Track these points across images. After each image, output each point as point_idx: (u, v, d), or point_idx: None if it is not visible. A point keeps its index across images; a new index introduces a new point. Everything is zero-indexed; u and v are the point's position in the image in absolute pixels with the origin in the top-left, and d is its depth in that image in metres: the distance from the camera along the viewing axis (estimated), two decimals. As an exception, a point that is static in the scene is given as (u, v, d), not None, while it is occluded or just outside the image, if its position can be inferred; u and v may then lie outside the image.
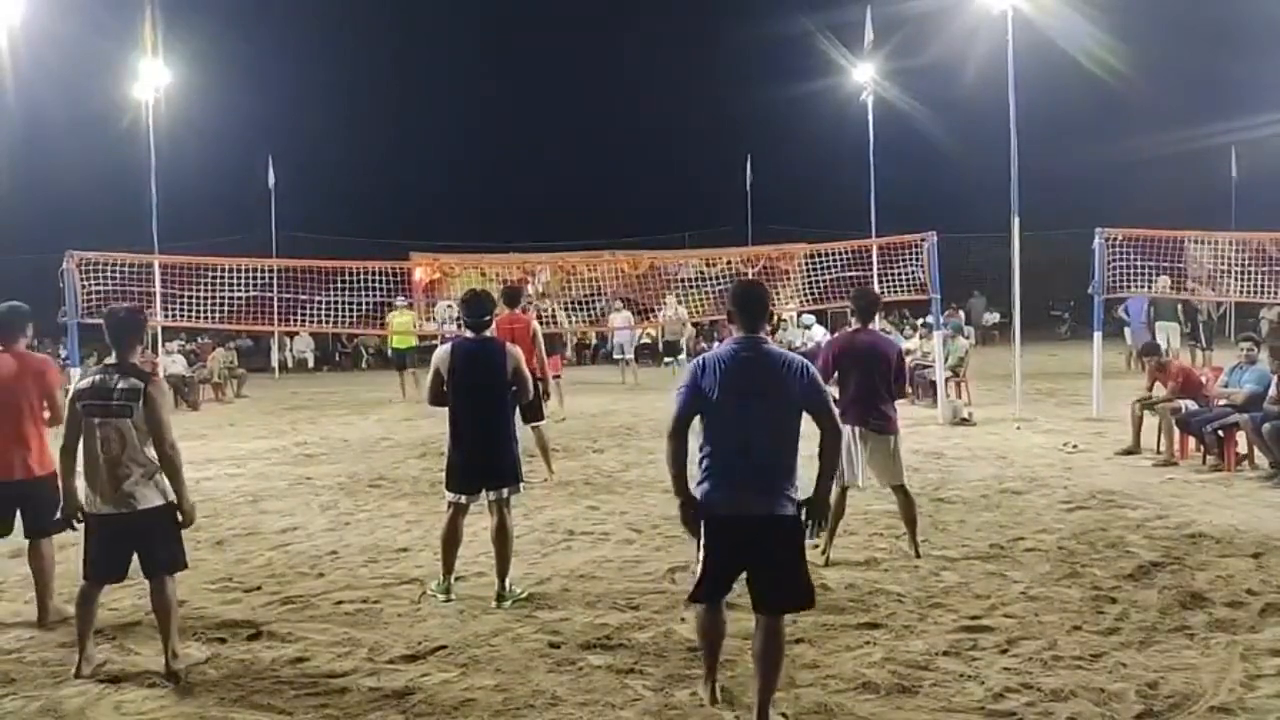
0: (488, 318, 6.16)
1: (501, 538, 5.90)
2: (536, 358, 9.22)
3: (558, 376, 14.53)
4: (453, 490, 5.98)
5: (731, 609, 4.45)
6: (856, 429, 6.48)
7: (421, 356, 18.92)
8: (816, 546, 6.00)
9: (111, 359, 4.84)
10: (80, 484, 4.80)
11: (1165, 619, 5.23)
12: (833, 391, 6.51)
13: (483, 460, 5.93)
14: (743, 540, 4.07)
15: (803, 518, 4.12)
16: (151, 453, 4.71)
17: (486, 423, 5.92)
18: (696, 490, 4.13)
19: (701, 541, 4.13)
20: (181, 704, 4.48)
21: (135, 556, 4.82)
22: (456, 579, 6.09)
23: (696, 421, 4.16)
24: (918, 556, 6.46)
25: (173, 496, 4.77)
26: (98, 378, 4.77)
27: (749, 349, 4.16)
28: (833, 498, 6.27)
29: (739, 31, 36.99)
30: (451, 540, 5.98)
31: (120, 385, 4.69)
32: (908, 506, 6.63)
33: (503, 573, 5.89)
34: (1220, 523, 7.24)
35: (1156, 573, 6.04)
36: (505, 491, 5.95)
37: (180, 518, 4.83)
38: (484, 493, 5.95)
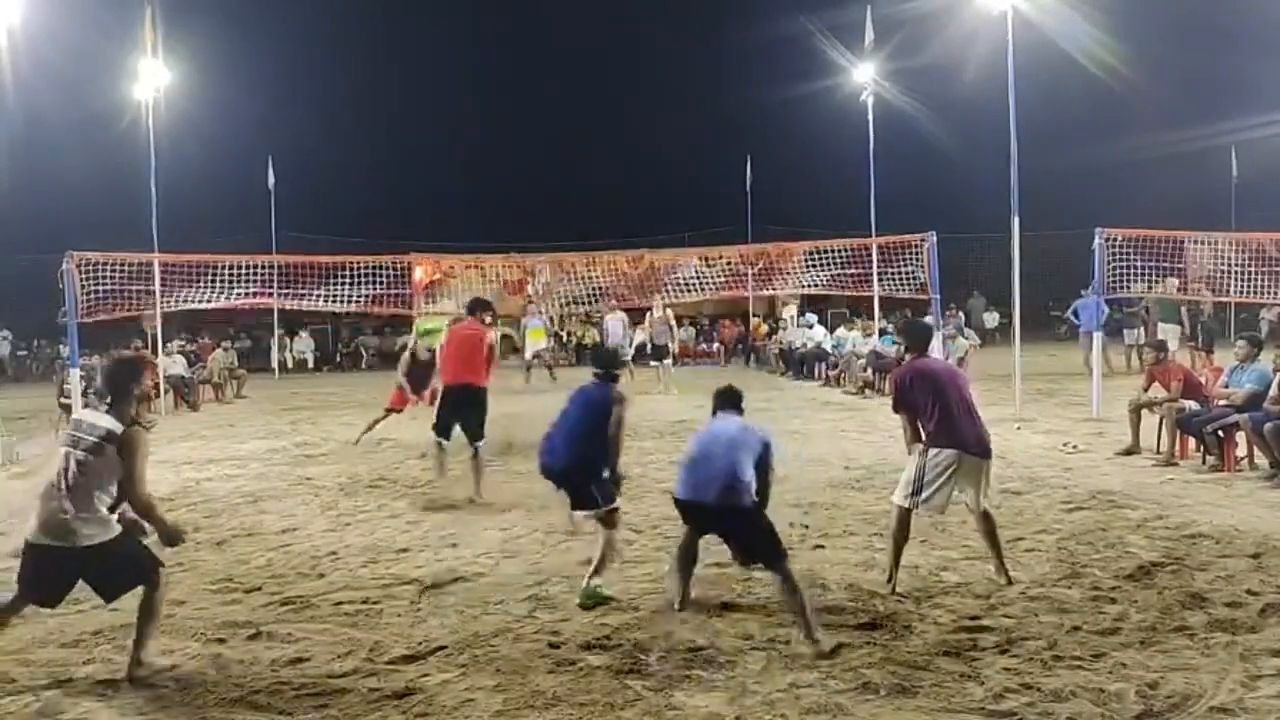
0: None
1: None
2: (488, 371, 9.08)
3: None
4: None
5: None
6: (958, 454, 5.90)
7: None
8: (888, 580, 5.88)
9: (108, 401, 4.83)
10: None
11: (1165, 619, 5.23)
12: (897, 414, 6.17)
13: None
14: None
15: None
16: (107, 499, 4.65)
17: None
18: None
19: None
20: (181, 704, 4.48)
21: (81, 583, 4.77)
22: (456, 579, 6.19)
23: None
24: (1008, 583, 5.87)
25: (118, 530, 4.70)
26: (87, 411, 4.87)
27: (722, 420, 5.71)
28: (895, 519, 5.94)
29: (739, 31, 37.06)
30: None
31: (100, 423, 4.68)
32: (991, 531, 6.06)
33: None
34: (1220, 523, 7.23)
35: (1156, 573, 6.03)
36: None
37: (164, 540, 4.88)
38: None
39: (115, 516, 4.72)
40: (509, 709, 4.36)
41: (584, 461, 5.95)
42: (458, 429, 8.95)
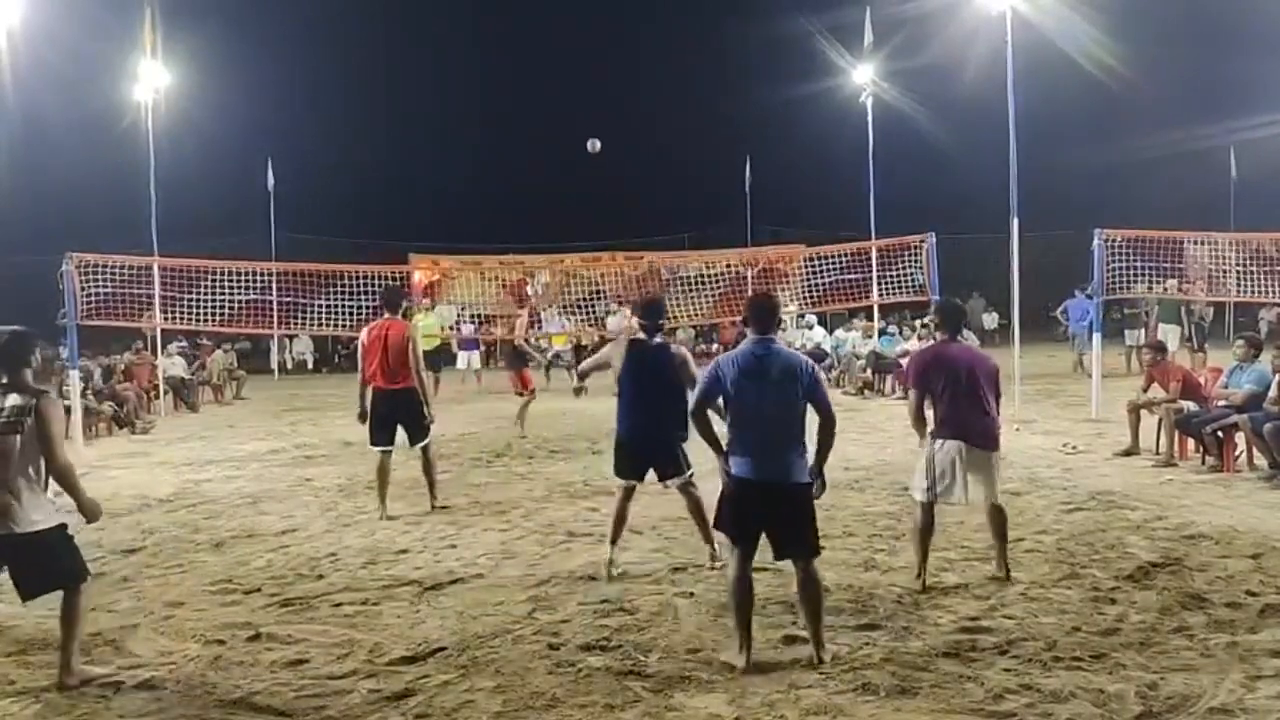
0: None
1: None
2: (416, 369, 8.29)
3: (532, 391, 13.42)
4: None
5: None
6: (960, 445, 5.89)
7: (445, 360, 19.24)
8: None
9: (4, 380, 4.75)
10: None
11: (1165, 619, 5.23)
12: (910, 400, 6.16)
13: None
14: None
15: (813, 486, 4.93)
16: (38, 472, 4.65)
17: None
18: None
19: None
20: (181, 705, 4.48)
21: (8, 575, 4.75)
22: (455, 581, 6.22)
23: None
24: (1008, 579, 5.93)
25: (60, 519, 4.72)
26: None
27: (763, 348, 4.92)
28: (919, 515, 5.95)
29: (739, 31, 37.06)
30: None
31: (10, 404, 4.64)
32: (1000, 525, 6.07)
33: None
34: (1219, 523, 7.24)
35: (1156, 573, 6.03)
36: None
37: (84, 519, 4.80)
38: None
39: (54, 502, 4.72)
40: (508, 710, 4.36)
41: (663, 427, 6.08)
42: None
